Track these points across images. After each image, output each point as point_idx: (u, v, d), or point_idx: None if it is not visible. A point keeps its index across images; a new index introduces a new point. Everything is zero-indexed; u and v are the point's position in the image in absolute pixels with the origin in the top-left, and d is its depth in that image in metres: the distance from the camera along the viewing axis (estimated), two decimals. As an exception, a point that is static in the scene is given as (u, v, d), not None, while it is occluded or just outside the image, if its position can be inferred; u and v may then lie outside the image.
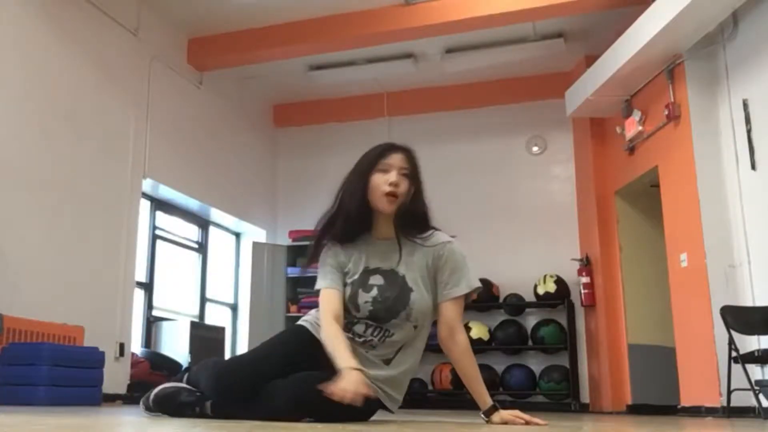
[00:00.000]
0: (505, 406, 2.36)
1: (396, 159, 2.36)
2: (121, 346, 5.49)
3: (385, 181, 2.30)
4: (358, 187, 2.32)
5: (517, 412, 2.27)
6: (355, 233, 2.37)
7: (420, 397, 7.16)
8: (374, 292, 2.30)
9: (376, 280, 2.32)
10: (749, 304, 4.84)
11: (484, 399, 2.27)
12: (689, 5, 4.71)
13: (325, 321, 2.28)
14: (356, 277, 2.34)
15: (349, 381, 2.01)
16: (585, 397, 6.76)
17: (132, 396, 5.29)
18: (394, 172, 2.32)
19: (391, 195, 2.30)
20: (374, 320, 2.30)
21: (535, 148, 7.56)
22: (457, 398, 7.11)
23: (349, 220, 2.34)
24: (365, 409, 2.20)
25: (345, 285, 2.35)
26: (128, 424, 1.99)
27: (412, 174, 2.38)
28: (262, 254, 7.40)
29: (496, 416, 2.25)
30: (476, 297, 2.45)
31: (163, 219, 6.68)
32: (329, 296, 2.34)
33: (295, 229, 7.63)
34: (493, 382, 6.87)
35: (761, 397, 4.36)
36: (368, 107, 7.97)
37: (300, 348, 2.34)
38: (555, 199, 7.36)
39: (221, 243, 7.71)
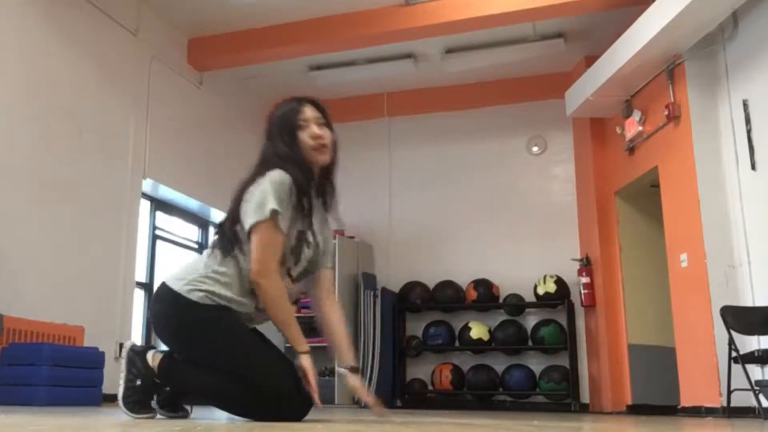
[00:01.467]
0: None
1: (309, 112, 2.38)
2: (121, 346, 5.48)
3: (309, 136, 2.33)
4: (297, 149, 2.32)
5: (364, 391, 2.31)
6: (305, 190, 2.31)
7: (420, 397, 7.16)
8: (311, 250, 2.33)
9: (311, 236, 2.34)
10: (749, 304, 4.84)
11: (350, 357, 2.37)
12: (689, 5, 4.71)
13: (281, 292, 2.23)
14: (302, 228, 2.30)
15: (310, 369, 2.20)
16: (585, 397, 6.76)
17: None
18: (313, 125, 2.35)
19: (321, 147, 2.34)
20: (297, 278, 2.32)
21: (535, 148, 7.56)
22: (457, 398, 7.11)
23: (300, 173, 2.29)
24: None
25: (286, 231, 2.25)
26: (128, 424, 1.99)
27: (328, 122, 2.41)
28: (262, 254, 7.39)
29: (351, 378, 2.33)
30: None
31: (163, 219, 6.68)
32: (278, 245, 2.22)
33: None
34: (493, 382, 6.87)
35: (761, 397, 4.36)
36: (368, 107, 7.97)
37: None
38: (555, 199, 7.36)
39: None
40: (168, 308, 2.28)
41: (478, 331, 7.00)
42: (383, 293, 7.20)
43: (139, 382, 2.28)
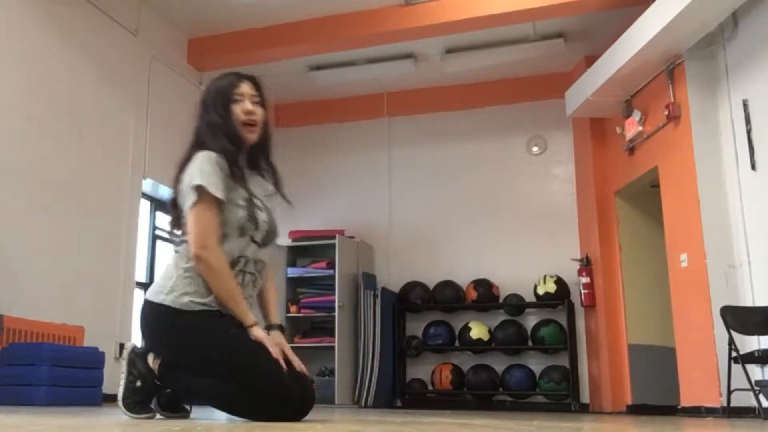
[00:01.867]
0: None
1: (246, 88, 2.42)
2: (121, 346, 5.49)
3: (242, 111, 2.37)
4: (229, 120, 2.36)
5: (288, 349, 2.31)
6: (235, 159, 2.35)
7: (420, 397, 7.16)
8: (264, 214, 2.37)
9: (258, 202, 2.38)
10: (749, 304, 4.84)
11: (276, 317, 2.44)
12: (689, 5, 4.71)
13: (222, 264, 2.24)
14: (246, 195, 2.34)
15: (266, 338, 2.23)
16: (585, 397, 6.76)
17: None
18: (248, 101, 2.39)
19: (250, 124, 2.38)
20: (263, 243, 2.35)
21: (535, 149, 7.56)
22: (457, 398, 7.11)
23: (231, 144, 2.34)
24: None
25: (231, 202, 2.28)
26: (128, 424, 1.99)
27: (262, 101, 2.45)
28: (262, 254, 7.39)
29: (276, 335, 2.34)
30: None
31: (163, 219, 6.68)
32: (212, 218, 2.24)
33: (295, 230, 7.63)
34: (493, 382, 6.87)
35: (761, 397, 4.36)
36: (368, 107, 7.97)
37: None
38: (555, 199, 7.36)
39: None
40: (157, 324, 2.28)
41: (478, 331, 7.00)
42: (383, 293, 7.20)
43: (139, 384, 2.29)
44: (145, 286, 6.28)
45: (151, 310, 2.29)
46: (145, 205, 6.30)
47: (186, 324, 2.23)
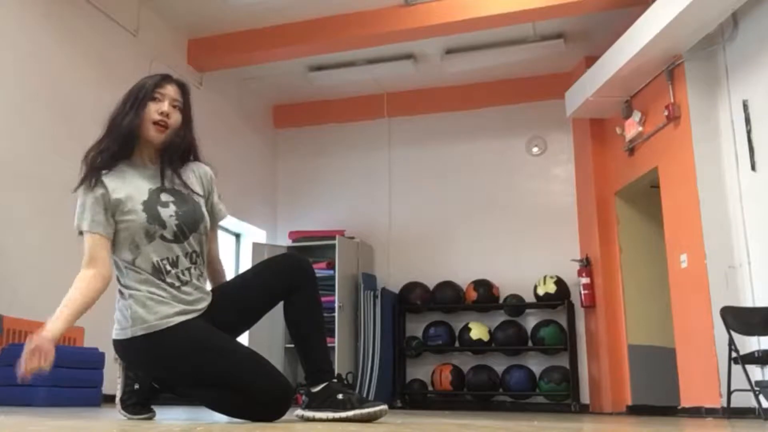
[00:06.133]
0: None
1: (170, 90, 2.38)
2: (121, 347, 5.48)
3: (156, 110, 2.33)
4: (133, 114, 2.32)
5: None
6: (117, 158, 2.33)
7: (420, 397, 7.16)
8: (172, 207, 2.28)
9: (166, 197, 2.30)
10: (749, 304, 4.84)
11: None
12: (689, 6, 4.71)
13: (76, 281, 2.35)
14: (145, 198, 2.26)
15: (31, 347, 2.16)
16: (585, 397, 6.76)
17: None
18: (166, 103, 2.35)
19: (160, 124, 2.33)
20: (182, 235, 2.27)
21: (535, 149, 7.56)
22: (457, 399, 7.11)
23: (116, 143, 2.32)
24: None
25: (128, 214, 2.23)
26: (128, 425, 1.99)
27: (184, 107, 2.41)
28: (262, 255, 7.39)
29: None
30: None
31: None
32: (95, 243, 2.27)
33: (295, 230, 7.64)
34: (493, 383, 6.87)
35: (761, 397, 4.36)
36: (368, 107, 7.97)
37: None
38: (555, 199, 7.36)
39: (221, 243, 7.70)
40: (136, 356, 2.24)
41: (478, 331, 7.00)
42: (383, 293, 7.20)
43: (137, 387, 2.27)
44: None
45: (123, 348, 2.23)
46: (145, 206, 6.28)
47: (164, 346, 2.16)
